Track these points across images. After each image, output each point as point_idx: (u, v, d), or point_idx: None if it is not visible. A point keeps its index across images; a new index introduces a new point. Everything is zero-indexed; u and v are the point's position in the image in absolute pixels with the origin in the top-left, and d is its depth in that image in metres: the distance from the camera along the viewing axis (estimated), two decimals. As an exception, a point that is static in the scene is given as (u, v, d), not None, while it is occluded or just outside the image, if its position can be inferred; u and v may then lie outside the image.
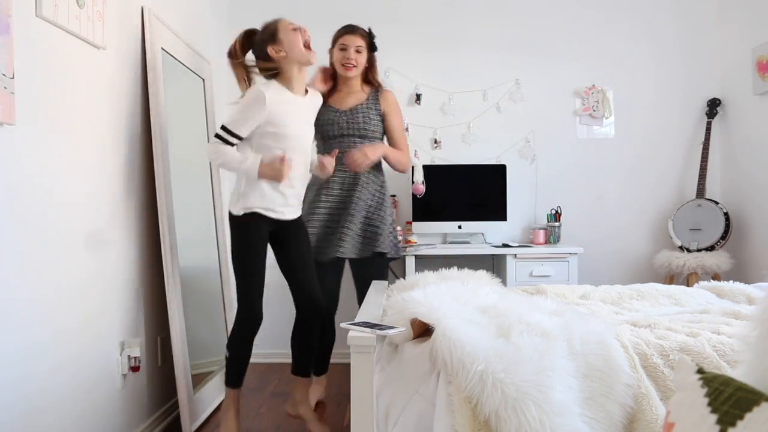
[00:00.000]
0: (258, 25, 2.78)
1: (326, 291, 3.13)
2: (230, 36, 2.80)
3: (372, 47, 3.24)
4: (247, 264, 2.70)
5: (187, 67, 3.37)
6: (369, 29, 3.24)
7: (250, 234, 2.70)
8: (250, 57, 2.78)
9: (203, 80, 3.61)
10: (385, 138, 3.33)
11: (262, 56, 2.71)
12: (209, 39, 3.86)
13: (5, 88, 1.81)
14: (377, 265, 3.20)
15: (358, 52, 3.17)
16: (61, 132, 2.17)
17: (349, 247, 3.09)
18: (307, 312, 2.85)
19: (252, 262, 2.70)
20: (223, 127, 2.63)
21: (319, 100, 2.96)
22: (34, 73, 2.00)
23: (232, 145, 2.64)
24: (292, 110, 2.70)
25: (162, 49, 2.99)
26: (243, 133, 2.63)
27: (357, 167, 3.07)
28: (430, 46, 4.51)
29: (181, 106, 3.27)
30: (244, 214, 2.68)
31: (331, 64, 3.28)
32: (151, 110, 2.86)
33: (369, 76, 3.31)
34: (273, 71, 2.72)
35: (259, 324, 2.78)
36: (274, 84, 2.68)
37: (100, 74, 2.46)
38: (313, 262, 2.92)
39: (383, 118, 3.27)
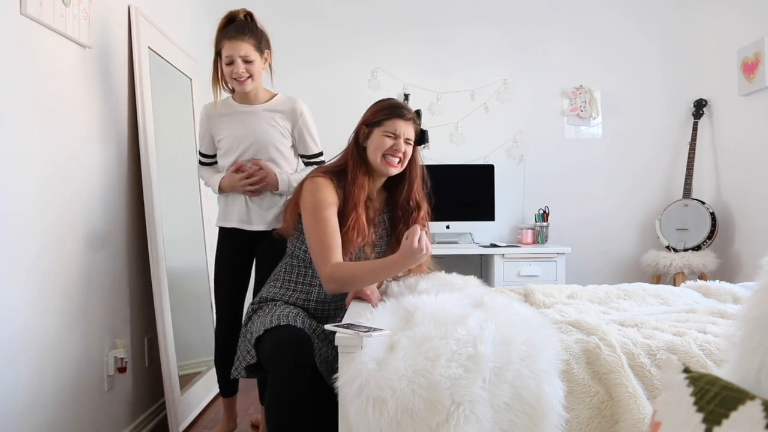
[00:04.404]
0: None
1: None
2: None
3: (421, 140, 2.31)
4: (216, 270, 2.77)
5: (174, 67, 3.35)
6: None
7: (219, 242, 2.76)
8: None
9: (190, 79, 3.60)
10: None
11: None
12: (197, 38, 3.84)
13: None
14: None
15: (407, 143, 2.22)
16: (46, 131, 2.15)
17: None
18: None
19: (218, 269, 2.76)
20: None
21: (285, 105, 2.65)
22: (18, 71, 1.98)
23: (207, 165, 2.79)
24: (235, 119, 2.64)
25: (149, 48, 2.97)
26: (203, 150, 2.77)
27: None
28: (418, 46, 4.51)
29: (168, 105, 3.25)
30: (219, 227, 2.78)
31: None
32: (138, 109, 2.84)
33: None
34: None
35: (235, 335, 2.66)
36: (224, 97, 2.68)
37: (86, 73, 2.44)
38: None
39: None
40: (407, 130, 2.19)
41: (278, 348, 1.88)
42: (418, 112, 2.28)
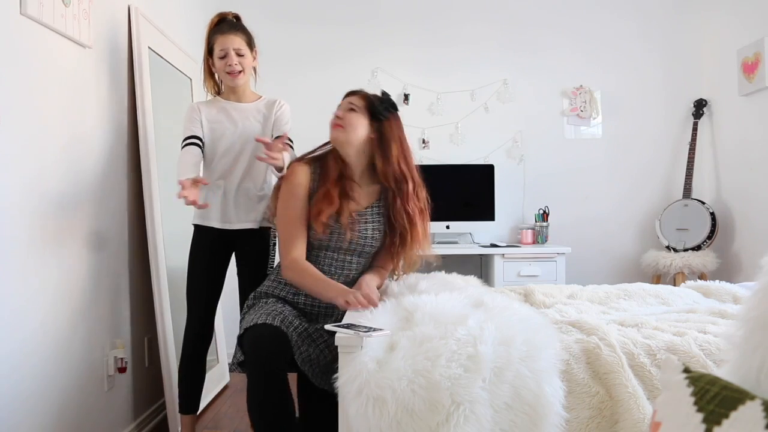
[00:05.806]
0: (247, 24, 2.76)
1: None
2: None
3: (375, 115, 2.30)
4: (190, 272, 2.65)
5: (175, 67, 3.35)
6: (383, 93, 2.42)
7: (195, 240, 2.67)
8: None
9: (190, 79, 3.59)
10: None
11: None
12: (197, 38, 3.83)
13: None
14: None
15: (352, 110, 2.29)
16: (45, 131, 2.14)
17: None
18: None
19: (192, 271, 2.64)
20: None
21: (269, 102, 2.68)
22: (18, 71, 1.98)
23: (195, 145, 2.52)
24: (225, 114, 2.60)
25: (149, 48, 2.97)
26: (193, 131, 2.55)
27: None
28: (418, 46, 4.51)
29: (168, 105, 3.25)
30: (194, 224, 2.68)
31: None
32: (138, 109, 2.84)
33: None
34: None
35: (205, 342, 2.66)
36: (210, 98, 2.71)
37: (86, 73, 2.44)
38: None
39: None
40: (350, 98, 2.33)
41: (254, 346, 1.93)
42: (384, 94, 2.37)
